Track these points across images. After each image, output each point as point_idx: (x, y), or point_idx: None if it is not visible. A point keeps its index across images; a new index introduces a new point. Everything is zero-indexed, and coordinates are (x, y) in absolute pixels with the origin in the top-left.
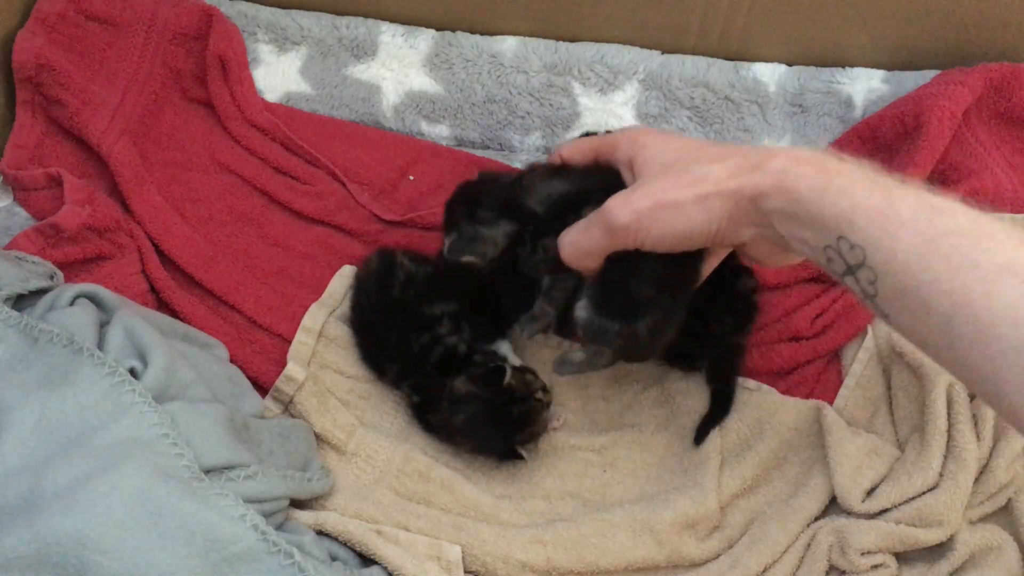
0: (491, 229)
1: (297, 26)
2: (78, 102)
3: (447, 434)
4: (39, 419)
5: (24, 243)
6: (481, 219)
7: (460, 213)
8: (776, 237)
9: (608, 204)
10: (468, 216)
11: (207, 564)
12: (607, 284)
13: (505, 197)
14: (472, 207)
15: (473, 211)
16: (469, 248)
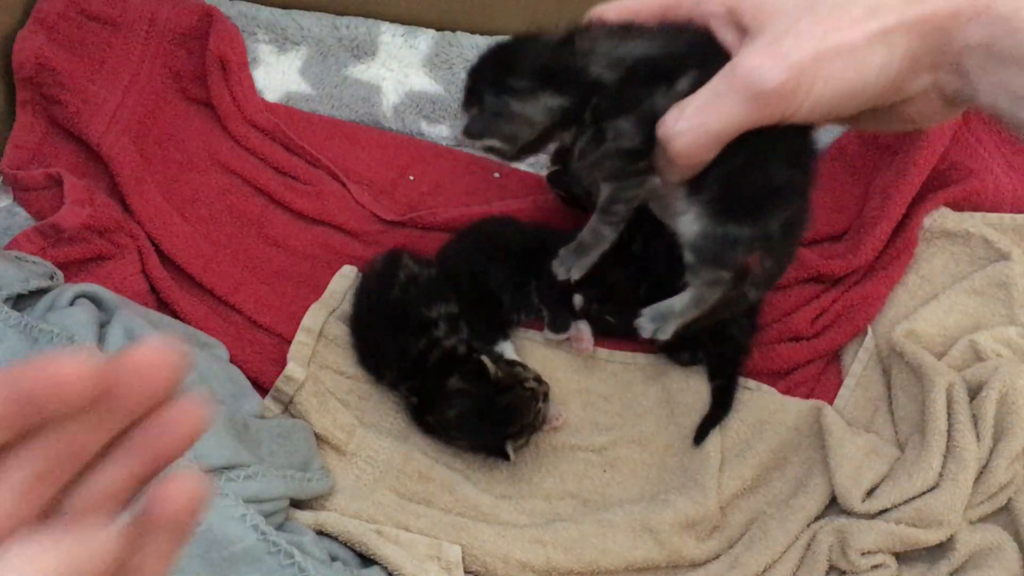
0: (527, 103)
1: (297, 26)
2: (78, 102)
3: (444, 433)
4: None
5: (24, 243)
6: (513, 89)
7: (485, 81)
8: (954, 88)
9: (746, 63)
10: (495, 85)
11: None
12: (732, 176)
13: (551, 61)
14: (502, 73)
15: (503, 79)
16: (492, 127)
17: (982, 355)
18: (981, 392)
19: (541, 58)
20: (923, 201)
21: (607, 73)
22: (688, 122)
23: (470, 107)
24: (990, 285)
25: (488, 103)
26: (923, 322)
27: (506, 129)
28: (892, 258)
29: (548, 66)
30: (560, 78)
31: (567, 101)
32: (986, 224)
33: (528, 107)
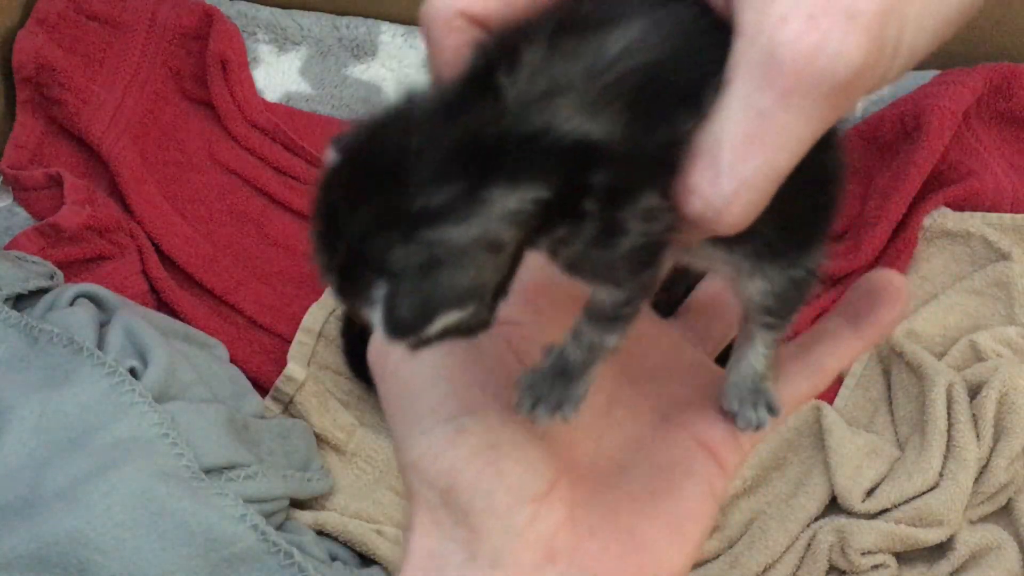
0: (473, 218)
1: (297, 26)
2: (78, 102)
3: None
4: (39, 419)
5: (24, 243)
6: (432, 210)
7: (371, 225)
8: None
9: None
10: (393, 221)
11: (207, 564)
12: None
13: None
14: (392, 195)
15: (400, 204)
16: (437, 295)
17: (982, 355)
18: (981, 392)
19: (452, 135)
20: (923, 201)
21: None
22: (735, 178)
23: (363, 289)
24: (990, 285)
25: (399, 260)
26: (923, 322)
27: (460, 281)
28: (892, 258)
29: (475, 143)
30: (512, 155)
31: (544, 189)
32: (986, 224)
33: (478, 223)
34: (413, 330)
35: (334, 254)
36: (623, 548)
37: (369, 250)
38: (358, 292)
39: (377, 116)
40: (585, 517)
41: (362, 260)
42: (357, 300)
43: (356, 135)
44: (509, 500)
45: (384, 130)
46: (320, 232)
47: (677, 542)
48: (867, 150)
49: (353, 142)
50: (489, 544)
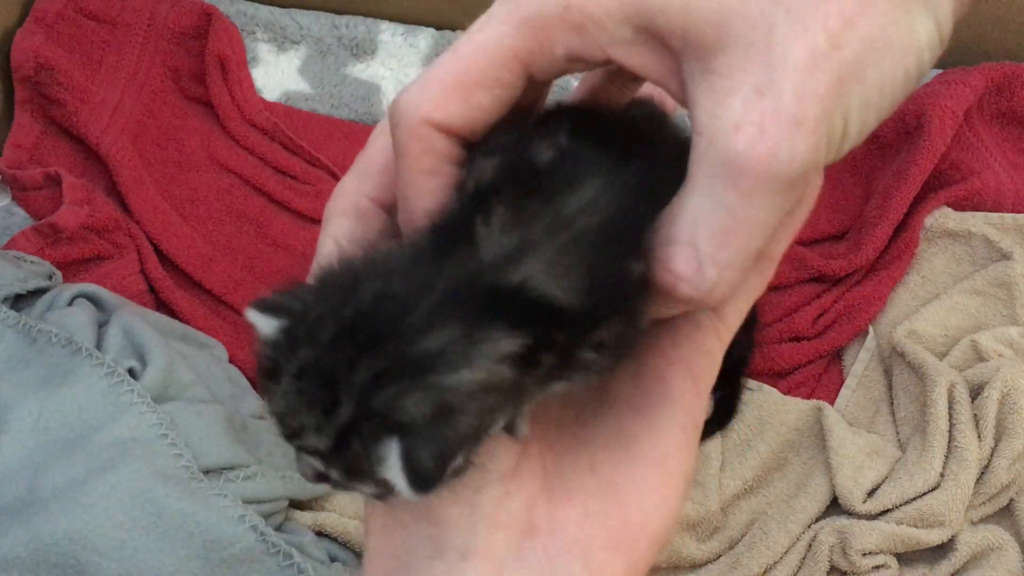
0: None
1: (296, 25)
2: (77, 101)
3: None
4: (38, 419)
5: (22, 243)
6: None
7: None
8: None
9: (736, 142)
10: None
11: (206, 565)
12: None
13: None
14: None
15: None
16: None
17: (983, 355)
18: (983, 392)
19: (442, 281)
20: (924, 201)
21: (557, 289)
22: (716, 265)
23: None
24: (991, 285)
25: (413, 410)
26: (924, 322)
27: (471, 424)
28: (893, 258)
29: (463, 290)
30: (501, 305)
31: (526, 338)
32: (988, 224)
33: (482, 365)
34: (437, 479)
35: (331, 414)
36: (605, 506)
37: (378, 403)
38: (365, 449)
39: (321, 278)
40: (560, 482)
41: (370, 415)
42: (364, 457)
43: (301, 298)
44: (474, 484)
45: (353, 286)
46: (301, 392)
47: (661, 488)
48: (868, 150)
49: (303, 305)
50: (457, 534)
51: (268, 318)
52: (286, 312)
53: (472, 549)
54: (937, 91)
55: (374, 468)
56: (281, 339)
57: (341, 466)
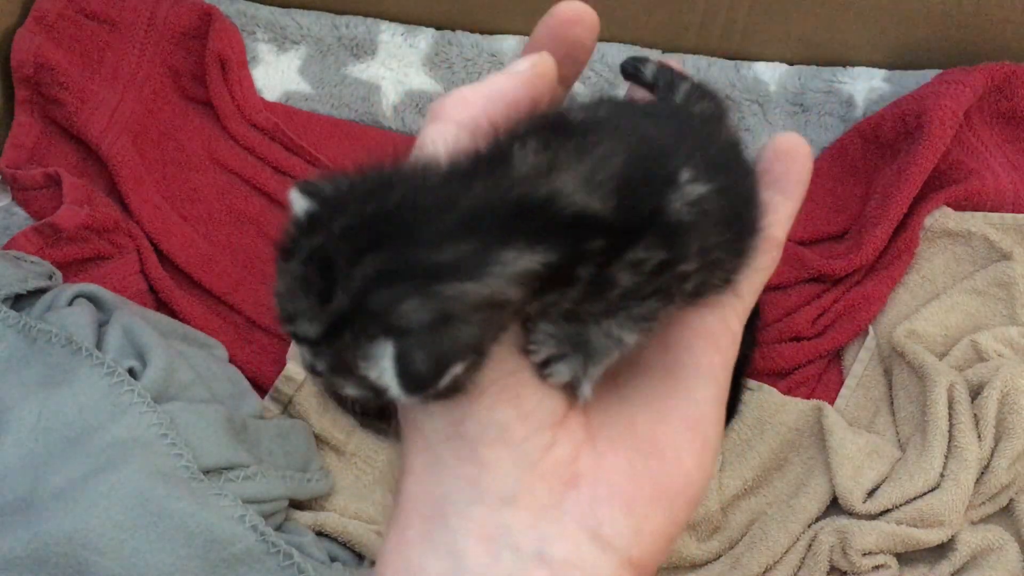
0: (486, 275)
1: (296, 25)
2: (77, 101)
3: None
4: (37, 419)
5: (22, 243)
6: (444, 265)
7: (372, 268)
8: None
9: None
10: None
11: (206, 565)
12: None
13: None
14: (402, 250)
15: (412, 259)
16: (447, 347)
17: (983, 355)
18: (983, 392)
19: (468, 196)
20: (924, 200)
21: (591, 199)
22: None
23: (363, 341)
24: (992, 285)
25: (412, 313)
26: (924, 322)
27: (470, 336)
28: (893, 258)
29: (489, 205)
30: (526, 219)
31: (552, 254)
32: (988, 224)
33: (491, 281)
34: (429, 383)
35: (325, 302)
36: (647, 461)
37: (376, 301)
38: (355, 344)
39: (363, 171)
40: (604, 434)
41: (366, 311)
42: (352, 352)
43: (336, 186)
44: (526, 429)
45: (386, 186)
46: (303, 277)
47: (697, 450)
48: (868, 149)
49: (336, 193)
50: (500, 478)
51: (303, 199)
52: (319, 197)
53: (514, 495)
54: (937, 91)
55: (361, 365)
56: (304, 221)
57: (328, 358)
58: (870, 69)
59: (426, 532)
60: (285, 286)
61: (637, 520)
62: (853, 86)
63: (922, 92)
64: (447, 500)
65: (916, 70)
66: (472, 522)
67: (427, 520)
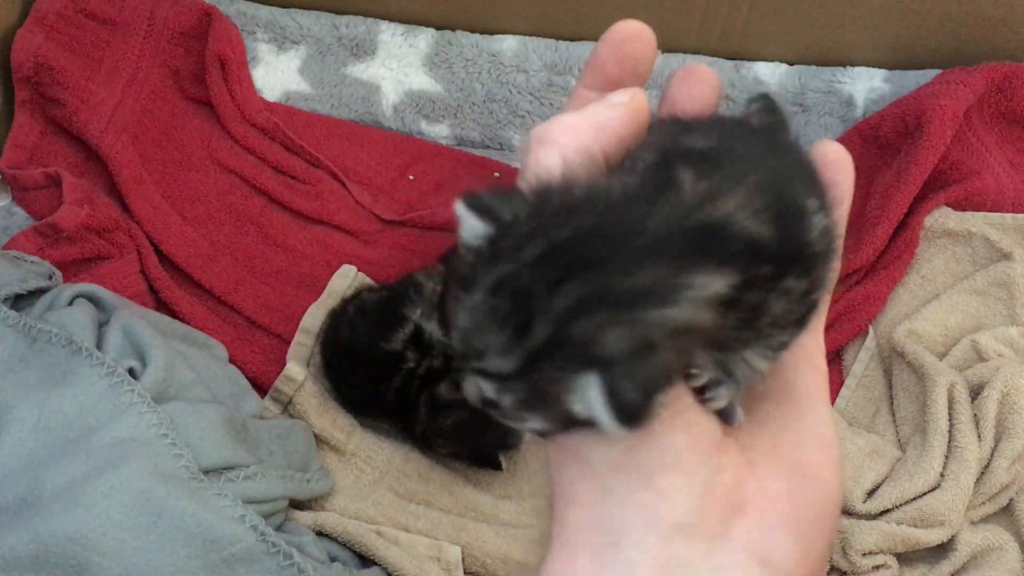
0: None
1: (296, 25)
2: (77, 101)
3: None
4: (38, 419)
5: (22, 243)
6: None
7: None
8: None
9: None
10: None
11: (206, 565)
12: None
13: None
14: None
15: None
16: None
17: (983, 355)
18: (982, 392)
19: (652, 221)
20: (924, 200)
21: (758, 226)
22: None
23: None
24: (991, 285)
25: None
26: (924, 322)
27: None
28: (893, 258)
29: (672, 232)
30: (707, 245)
31: (735, 278)
32: (987, 224)
33: (688, 306)
34: (643, 414)
35: (522, 336)
36: (800, 482)
37: (578, 331)
38: (558, 377)
39: (535, 194)
40: (757, 459)
41: (567, 342)
42: (553, 385)
43: (513, 209)
44: (697, 455)
45: (570, 212)
46: (493, 309)
47: (833, 464)
48: (868, 149)
49: (515, 218)
50: (676, 506)
51: (477, 219)
52: (496, 219)
53: (688, 523)
54: (937, 91)
55: (565, 398)
56: (484, 247)
57: (522, 392)
58: (870, 69)
59: (598, 562)
60: (471, 320)
61: (804, 544)
62: (853, 86)
63: (922, 92)
64: (620, 529)
65: (916, 70)
66: (646, 552)
67: (598, 550)
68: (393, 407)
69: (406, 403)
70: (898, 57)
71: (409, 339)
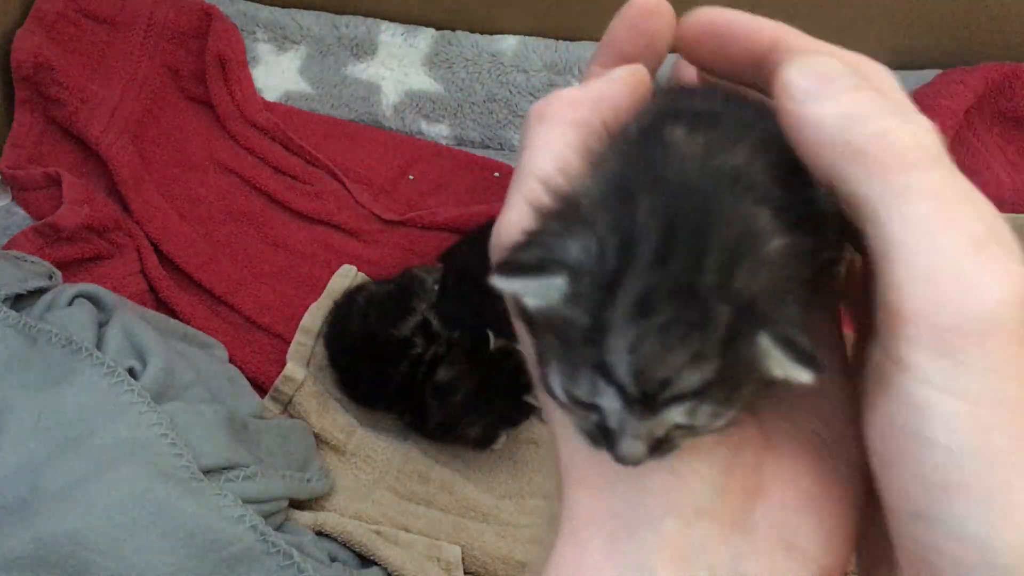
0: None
1: (296, 25)
2: (76, 101)
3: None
4: (38, 419)
5: (22, 243)
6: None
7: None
8: None
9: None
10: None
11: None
12: None
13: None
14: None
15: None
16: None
17: None
18: None
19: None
20: None
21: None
22: None
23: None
24: None
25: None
26: None
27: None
28: None
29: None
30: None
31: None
32: None
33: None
34: (818, 357)
35: (707, 330)
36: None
37: (743, 296)
38: (750, 355)
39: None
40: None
41: (743, 312)
42: (750, 367)
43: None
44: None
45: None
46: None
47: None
48: None
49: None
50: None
51: (541, 279)
52: (556, 263)
53: (708, 506)
54: (937, 91)
55: (766, 368)
56: (576, 292)
57: (723, 390)
58: None
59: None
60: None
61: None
62: None
63: (922, 92)
64: (634, 513)
65: (916, 70)
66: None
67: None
68: (396, 398)
69: (411, 391)
70: (898, 57)
71: (418, 327)
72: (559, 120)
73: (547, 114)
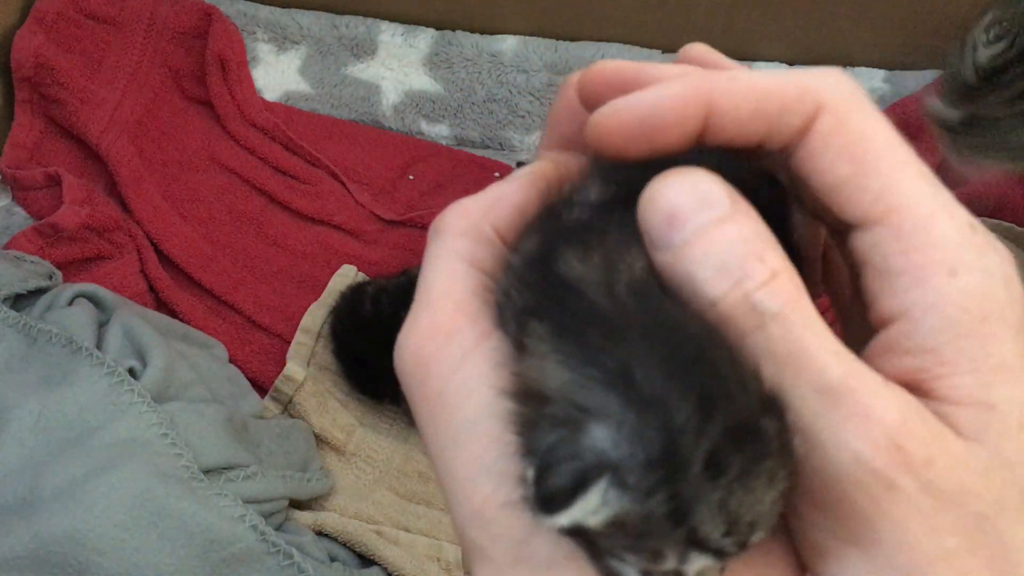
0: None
1: (296, 25)
2: (77, 101)
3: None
4: (38, 419)
5: (23, 243)
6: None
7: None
8: None
9: None
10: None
11: (206, 564)
12: None
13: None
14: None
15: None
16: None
17: None
18: None
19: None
20: None
21: None
22: None
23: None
24: None
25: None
26: None
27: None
28: None
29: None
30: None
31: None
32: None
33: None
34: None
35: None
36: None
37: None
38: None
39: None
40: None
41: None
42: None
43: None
44: None
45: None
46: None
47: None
48: None
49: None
50: None
51: (595, 490)
52: (595, 467)
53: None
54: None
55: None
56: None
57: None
58: (870, 69)
59: None
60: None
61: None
62: None
63: (923, 93)
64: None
65: (916, 70)
66: None
67: None
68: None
69: None
70: (898, 57)
71: None
72: (449, 232)
73: (440, 227)
